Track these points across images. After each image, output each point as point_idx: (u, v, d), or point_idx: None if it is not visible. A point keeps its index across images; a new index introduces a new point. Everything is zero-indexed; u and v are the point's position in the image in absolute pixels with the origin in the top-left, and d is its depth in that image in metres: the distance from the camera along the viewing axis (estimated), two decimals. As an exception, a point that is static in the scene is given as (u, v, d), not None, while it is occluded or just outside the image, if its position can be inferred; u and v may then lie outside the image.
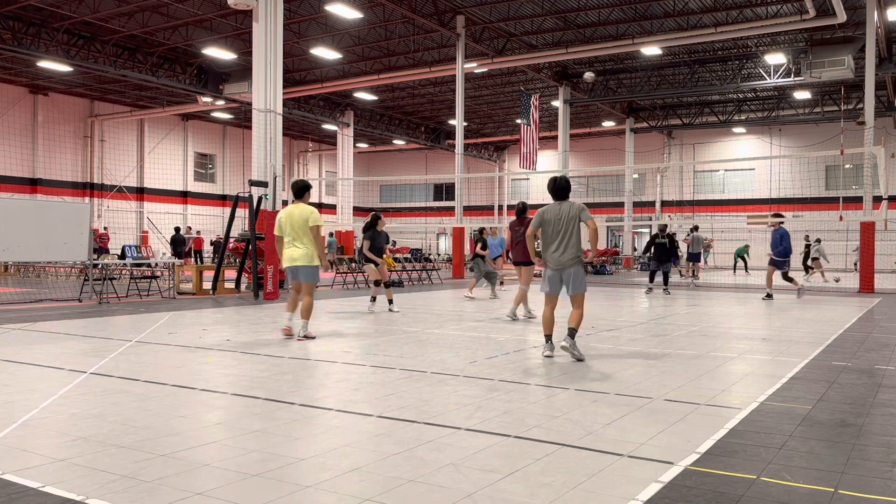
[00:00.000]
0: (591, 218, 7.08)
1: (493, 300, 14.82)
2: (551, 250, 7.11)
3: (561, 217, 7.07)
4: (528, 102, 27.30)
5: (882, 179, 16.83)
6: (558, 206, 7.16)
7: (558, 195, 7.21)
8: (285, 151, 41.58)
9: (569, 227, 7.04)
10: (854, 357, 7.41)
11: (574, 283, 7.06)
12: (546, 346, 7.24)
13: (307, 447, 4.04)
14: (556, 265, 7.10)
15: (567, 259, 7.03)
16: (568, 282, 7.09)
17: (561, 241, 7.05)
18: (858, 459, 3.84)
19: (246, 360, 7.05)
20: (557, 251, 7.07)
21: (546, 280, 7.22)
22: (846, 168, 35.04)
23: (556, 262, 7.09)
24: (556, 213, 7.12)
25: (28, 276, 22.86)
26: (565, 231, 7.04)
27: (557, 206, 7.17)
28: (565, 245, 7.04)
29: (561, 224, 7.06)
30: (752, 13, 22.51)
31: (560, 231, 7.06)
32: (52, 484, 3.37)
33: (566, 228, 7.04)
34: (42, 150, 33.55)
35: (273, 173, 15.52)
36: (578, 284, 7.08)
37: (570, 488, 3.36)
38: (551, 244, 7.12)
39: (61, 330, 9.23)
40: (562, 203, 7.18)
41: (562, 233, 7.05)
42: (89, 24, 23.95)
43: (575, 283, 7.07)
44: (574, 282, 7.06)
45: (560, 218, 7.07)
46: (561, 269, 7.08)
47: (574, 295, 7.12)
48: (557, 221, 7.08)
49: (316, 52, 26.09)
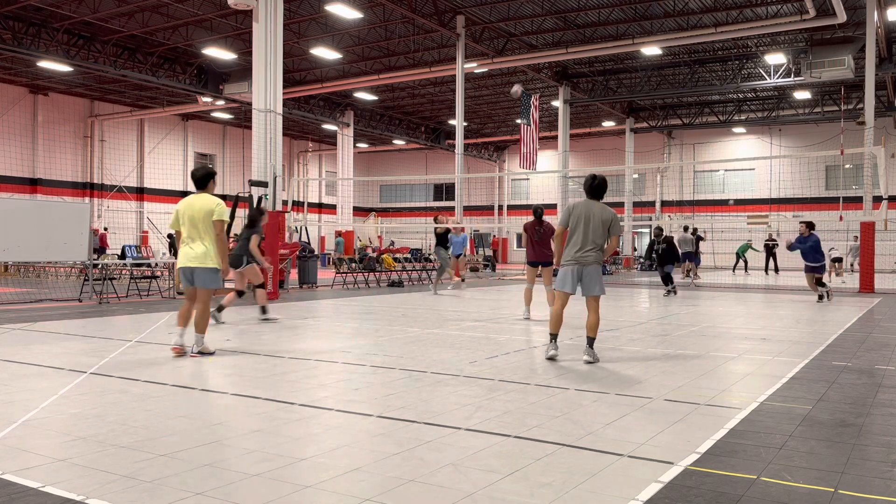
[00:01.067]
0: (619, 234, 7.00)
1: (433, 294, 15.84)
2: (574, 247, 6.91)
3: (591, 216, 6.88)
4: (528, 102, 27.29)
5: (882, 179, 16.82)
6: (589, 205, 6.97)
7: (593, 194, 7.03)
8: (285, 151, 41.56)
9: (597, 228, 6.86)
10: (854, 357, 7.40)
11: (591, 283, 6.87)
12: (550, 345, 7.06)
13: (307, 447, 4.04)
14: (575, 261, 6.87)
15: (589, 259, 6.84)
16: (586, 280, 6.88)
17: (585, 239, 6.86)
18: (858, 459, 3.84)
19: (246, 359, 7.05)
20: (581, 250, 6.87)
21: (561, 277, 7.01)
22: (846, 168, 35.03)
23: (576, 258, 6.88)
24: (585, 211, 6.92)
25: (28, 276, 22.85)
26: (593, 231, 6.85)
27: (588, 204, 6.99)
28: (590, 245, 6.84)
29: (590, 223, 6.86)
30: (752, 13, 22.51)
31: (587, 229, 6.86)
32: (52, 484, 3.37)
33: (594, 229, 6.85)
34: (42, 150, 33.54)
35: (273, 173, 15.52)
36: (595, 285, 6.89)
37: (570, 488, 3.36)
38: (575, 241, 6.92)
39: (61, 330, 9.23)
40: (594, 202, 6.99)
41: (589, 232, 6.85)
42: (89, 24, 23.95)
43: (591, 284, 6.88)
44: (591, 282, 6.87)
45: (590, 217, 6.88)
46: (581, 266, 6.84)
47: (590, 297, 6.93)
48: (587, 219, 6.88)
49: (316, 52, 26.09)
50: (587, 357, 6.83)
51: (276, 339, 8.50)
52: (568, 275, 6.93)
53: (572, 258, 6.91)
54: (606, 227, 6.90)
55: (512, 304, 14.08)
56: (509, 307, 13.33)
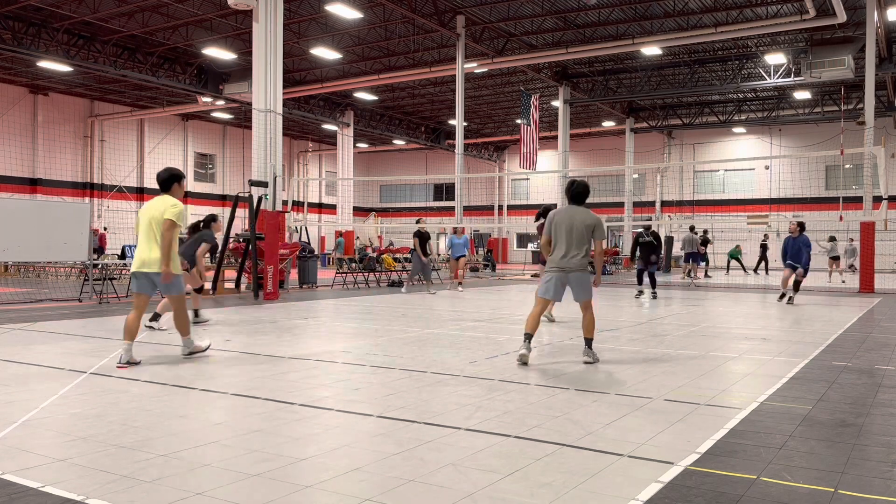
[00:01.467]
0: (603, 237, 6.90)
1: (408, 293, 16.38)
2: (558, 254, 6.82)
3: (573, 222, 6.79)
4: (528, 102, 27.30)
5: (882, 179, 16.82)
6: (570, 211, 6.89)
7: (574, 200, 6.94)
8: (285, 151, 41.57)
9: (580, 233, 6.76)
10: (854, 357, 7.41)
11: (579, 288, 6.84)
12: (523, 345, 6.83)
13: (307, 447, 4.04)
14: (560, 266, 6.80)
15: (573, 264, 6.77)
16: (573, 286, 6.83)
17: (569, 246, 6.77)
18: (858, 459, 3.84)
19: (246, 359, 7.05)
20: (566, 257, 6.78)
21: (544, 284, 6.92)
22: (846, 168, 35.03)
23: (559, 265, 6.80)
24: (567, 218, 6.84)
25: (28, 276, 22.85)
26: (576, 237, 6.75)
27: (569, 210, 6.91)
28: (573, 251, 6.75)
29: (572, 229, 6.77)
30: (752, 13, 22.51)
31: (569, 236, 6.77)
32: (52, 484, 3.37)
33: (577, 234, 6.76)
34: (42, 150, 33.55)
35: (273, 173, 15.52)
36: (583, 290, 6.84)
37: (570, 488, 3.36)
38: (559, 248, 6.84)
39: (61, 330, 9.23)
40: (576, 208, 6.90)
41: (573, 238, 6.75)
42: (89, 24, 23.95)
43: (579, 289, 6.84)
44: (579, 287, 6.83)
45: (572, 223, 6.79)
46: (566, 273, 6.79)
47: (583, 300, 6.88)
48: (569, 226, 6.79)
49: (316, 52, 26.09)
50: (586, 358, 6.84)
51: (276, 340, 8.50)
52: (551, 283, 6.85)
53: (556, 265, 6.82)
54: (590, 231, 6.80)
55: (512, 304, 14.09)
56: (509, 307, 13.33)
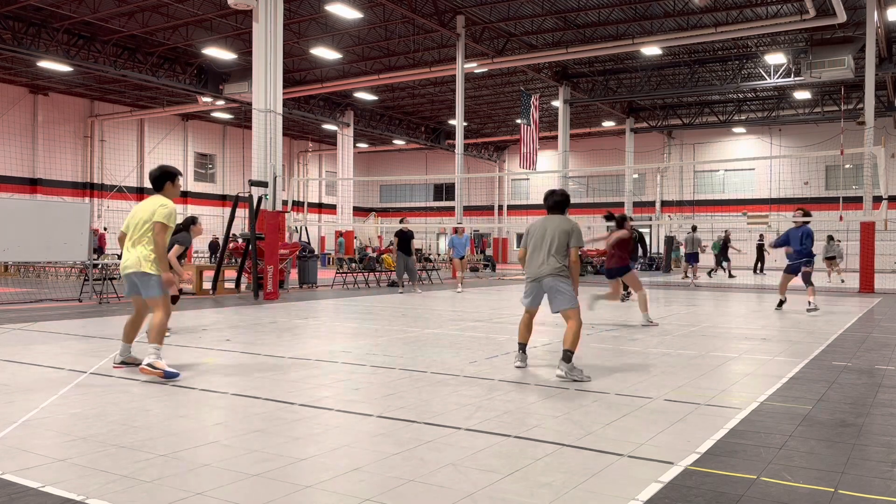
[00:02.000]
0: (580, 245, 6.43)
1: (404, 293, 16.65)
2: (532, 263, 6.50)
3: (547, 230, 6.46)
4: (528, 102, 27.30)
5: (882, 179, 16.81)
6: (547, 220, 6.58)
7: (552, 209, 6.65)
8: (285, 151, 41.57)
9: (554, 238, 6.38)
10: (854, 357, 7.40)
11: (553, 297, 6.33)
12: (517, 355, 6.69)
13: (307, 447, 4.04)
14: (534, 275, 6.46)
15: (544, 271, 6.33)
16: (549, 295, 6.36)
17: (540, 253, 6.42)
18: (858, 459, 3.84)
19: (246, 359, 7.05)
20: (539, 265, 6.41)
21: (523, 292, 6.68)
22: (846, 168, 35.03)
23: (534, 272, 6.46)
24: (541, 227, 6.55)
25: (28, 276, 22.86)
26: (550, 244, 6.38)
27: (546, 219, 6.61)
28: (546, 258, 6.37)
29: (545, 237, 6.44)
30: (752, 13, 22.51)
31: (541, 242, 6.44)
32: (52, 484, 3.37)
33: (551, 239, 6.40)
34: (42, 150, 33.55)
35: (273, 173, 15.52)
36: (558, 299, 6.30)
37: (570, 488, 3.36)
38: (533, 256, 6.52)
39: (61, 330, 9.22)
40: (552, 217, 6.59)
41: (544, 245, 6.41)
42: (89, 24, 23.95)
43: (554, 298, 6.32)
44: (553, 296, 6.32)
45: (545, 231, 6.46)
46: (539, 280, 6.38)
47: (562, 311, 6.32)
48: (541, 234, 6.48)
49: (316, 52, 26.09)
50: (559, 371, 6.12)
51: (277, 340, 8.50)
52: (529, 290, 6.57)
53: (531, 274, 6.51)
54: (567, 237, 6.40)
55: (512, 304, 14.08)
56: (509, 307, 13.33)
